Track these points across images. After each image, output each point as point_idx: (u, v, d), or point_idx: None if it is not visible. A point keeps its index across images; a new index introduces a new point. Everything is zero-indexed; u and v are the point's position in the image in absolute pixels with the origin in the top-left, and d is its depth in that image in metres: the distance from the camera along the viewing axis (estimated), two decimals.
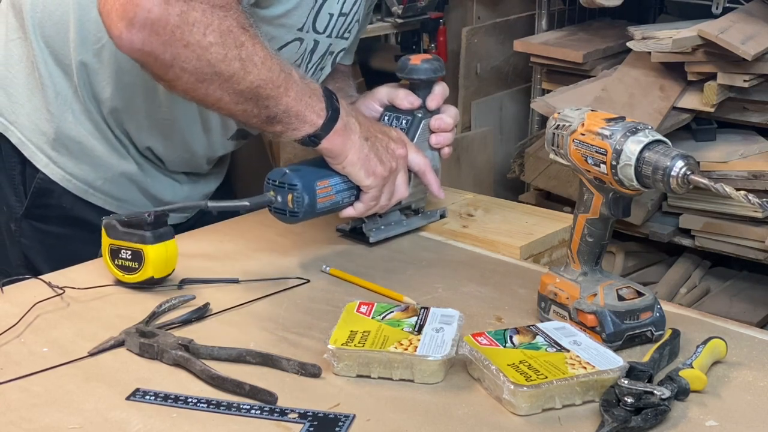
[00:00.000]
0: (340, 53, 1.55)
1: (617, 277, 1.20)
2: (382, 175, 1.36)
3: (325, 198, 1.34)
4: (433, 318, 1.14)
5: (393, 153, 1.39)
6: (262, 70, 1.23)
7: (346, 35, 1.51)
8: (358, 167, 1.34)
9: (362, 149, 1.34)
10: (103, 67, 1.43)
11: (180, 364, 1.09)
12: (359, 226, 1.46)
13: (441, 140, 1.48)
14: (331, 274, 1.34)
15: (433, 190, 1.47)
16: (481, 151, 3.13)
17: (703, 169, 2.46)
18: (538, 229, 1.50)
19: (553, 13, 2.99)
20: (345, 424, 0.99)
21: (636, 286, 1.17)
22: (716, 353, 1.09)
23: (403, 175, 1.41)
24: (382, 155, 1.36)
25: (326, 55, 1.50)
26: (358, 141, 1.33)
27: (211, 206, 1.31)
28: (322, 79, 1.56)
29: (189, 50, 1.18)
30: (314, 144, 1.30)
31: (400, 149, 1.40)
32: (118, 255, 1.28)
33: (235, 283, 1.31)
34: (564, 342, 1.08)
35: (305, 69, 1.48)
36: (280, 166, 1.36)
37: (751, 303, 2.61)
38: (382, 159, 1.36)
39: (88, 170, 1.50)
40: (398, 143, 1.40)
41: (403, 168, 1.41)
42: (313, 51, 1.46)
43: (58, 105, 1.46)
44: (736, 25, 2.38)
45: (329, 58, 1.52)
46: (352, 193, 1.38)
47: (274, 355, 1.09)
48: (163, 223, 1.28)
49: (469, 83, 3.14)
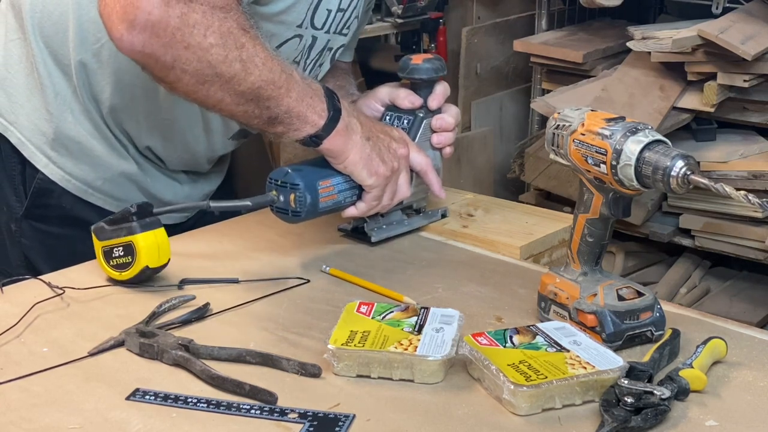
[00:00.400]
0: (339, 49, 1.55)
1: (617, 277, 1.20)
2: (384, 175, 1.36)
3: (327, 197, 1.34)
4: (433, 318, 1.14)
5: (395, 153, 1.39)
6: (263, 71, 1.23)
7: (345, 31, 1.50)
8: (360, 167, 1.34)
9: (364, 149, 1.34)
10: (103, 67, 1.43)
11: (180, 364, 1.09)
12: (361, 226, 1.46)
13: (442, 140, 1.48)
14: (330, 274, 1.34)
15: (434, 189, 1.47)
16: (481, 151, 3.13)
17: (703, 169, 2.46)
18: (538, 229, 1.50)
19: (553, 13, 2.99)
20: (345, 424, 0.99)
21: (636, 286, 1.17)
22: (716, 353, 1.09)
23: (405, 175, 1.41)
24: (384, 155, 1.37)
25: (324, 51, 1.50)
26: (359, 141, 1.33)
27: (213, 206, 1.31)
28: (321, 75, 1.56)
29: (190, 52, 1.18)
30: (316, 144, 1.30)
31: (401, 149, 1.40)
32: (111, 255, 1.28)
33: (235, 283, 1.31)
34: (564, 342, 1.08)
35: (303, 65, 1.48)
36: (281, 166, 1.36)
37: (751, 303, 2.61)
38: (384, 159, 1.36)
39: (88, 170, 1.50)
40: (400, 143, 1.41)
41: (405, 168, 1.41)
42: (311, 47, 1.46)
43: (58, 105, 1.46)
44: (736, 25, 2.38)
45: (327, 54, 1.52)
46: (354, 192, 1.38)
47: (274, 355, 1.09)
48: (148, 213, 1.27)
49: (469, 83, 3.14)
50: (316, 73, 1.53)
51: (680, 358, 1.10)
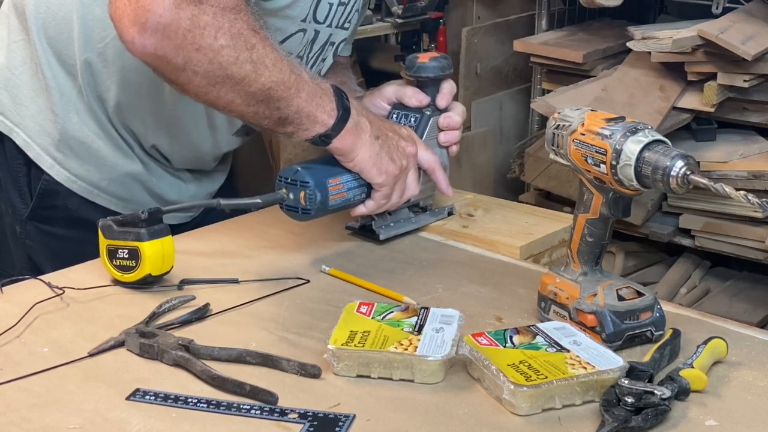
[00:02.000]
0: (342, 44, 1.55)
1: (617, 277, 1.20)
2: (393, 173, 1.37)
3: (336, 195, 1.34)
4: (433, 318, 1.14)
5: (403, 151, 1.39)
6: (273, 72, 1.23)
7: (347, 25, 1.51)
8: (369, 165, 1.34)
9: (373, 147, 1.34)
10: (108, 65, 1.43)
11: (180, 364, 1.09)
12: (368, 224, 1.46)
13: (450, 138, 1.49)
14: (330, 274, 1.34)
15: (442, 187, 1.47)
16: (481, 151, 3.13)
17: (703, 169, 2.46)
18: (538, 229, 1.50)
19: (553, 13, 2.99)
20: (345, 424, 0.99)
21: (636, 286, 1.17)
22: (717, 353, 1.09)
23: (414, 173, 1.41)
24: (393, 153, 1.37)
25: (327, 45, 1.50)
26: (368, 140, 1.34)
27: (223, 204, 1.31)
28: (324, 69, 1.56)
29: (201, 54, 1.19)
30: (325, 144, 1.31)
31: (410, 147, 1.40)
32: (115, 255, 1.28)
33: (235, 283, 1.31)
34: (564, 342, 1.08)
35: (306, 59, 1.48)
36: (284, 166, 1.36)
37: (751, 303, 2.61)
38: (393, 157, 1.37)
39: (94, 171, 1.50)
40: (408, 141, 1.41)
41: (413, 166, 1.41)
42: (314, 41, 1.47)
43: (63, 105, 1.46)
44: (736, 25, 2.38)
45: (330, 49, 1.52)
46: (363, 190, 1.38)
47: (274, 355, 1.09)
48: (158, 220, 1.28)
49: (469, 83, 3.14)
50: (319, 68, 1.54)
51: (680, 358, 1.10)
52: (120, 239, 1.27)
